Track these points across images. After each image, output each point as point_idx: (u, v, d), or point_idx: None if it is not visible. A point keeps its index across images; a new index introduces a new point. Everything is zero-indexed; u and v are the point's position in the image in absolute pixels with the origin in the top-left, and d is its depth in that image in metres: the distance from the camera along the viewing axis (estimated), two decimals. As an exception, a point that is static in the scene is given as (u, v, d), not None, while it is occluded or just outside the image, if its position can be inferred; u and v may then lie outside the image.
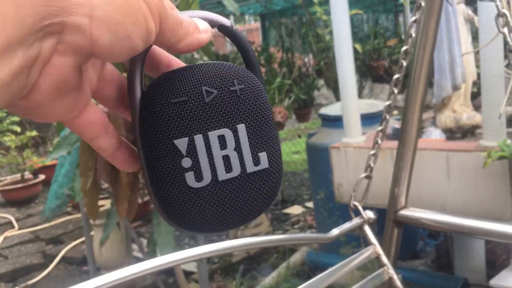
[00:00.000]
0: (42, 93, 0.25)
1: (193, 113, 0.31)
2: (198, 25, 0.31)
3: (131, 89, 0.31)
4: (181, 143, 0.31)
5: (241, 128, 0.32)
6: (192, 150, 0.31)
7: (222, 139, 0.31)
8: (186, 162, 0.31)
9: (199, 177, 0.31)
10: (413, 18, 0.95)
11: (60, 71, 0.25)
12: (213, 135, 0.31)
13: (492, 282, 2.01)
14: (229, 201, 0.32)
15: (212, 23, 0.33)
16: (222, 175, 0.32)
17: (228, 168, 0.32)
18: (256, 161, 0.32)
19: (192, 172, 0.31)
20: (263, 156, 0.33)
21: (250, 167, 0.32)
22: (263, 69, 5.26)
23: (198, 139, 0.31)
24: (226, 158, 0.32)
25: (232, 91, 0.32)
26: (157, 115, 0.31)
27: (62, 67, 0.25)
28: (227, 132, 0.31)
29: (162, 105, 0.31)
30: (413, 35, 0.95)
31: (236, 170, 0.32)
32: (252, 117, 0.32)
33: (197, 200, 0.31)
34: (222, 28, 0.33)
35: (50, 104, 0.27)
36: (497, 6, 0.77)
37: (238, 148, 0.32)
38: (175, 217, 0.32)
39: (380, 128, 1.00)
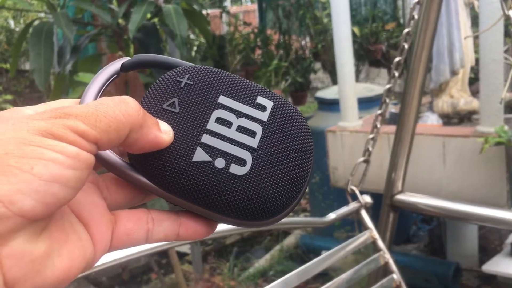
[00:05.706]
0: None
1: (184, 123, 0.29)
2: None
3: (123, 174, 0.28)
4: (200, 154, 0.28)
5: (223, 99, 0.30)
6: (211, 149, 0.28)
7: (220, 120, 0.29)
8: (220, 162, 0.28)
9: (240, 162, 0.29)
10: (416, 0, 0.93)
11: None
12: (211, 123, 0.29)
13: (484, 267, 2.02)
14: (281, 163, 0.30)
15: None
16: (253, 143, 0.29)
17: (251, 133, 0.29)
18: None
19: (232, 163, 0.28)
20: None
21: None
22: (259, 51, 5.21)
23: (206, 137, 0.29)
24: (241, 128, 0.29)
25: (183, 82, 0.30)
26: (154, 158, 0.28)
27: None
28: (217, 113, 0.29)
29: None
30: (416, 17, 0.93)
31: (259, 131, 0.30)
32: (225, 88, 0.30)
33: (258, 184, 0.29)
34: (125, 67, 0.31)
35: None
36: (503, -12, 0.76)
37: (240, 113, 0.30)
38: (264, 212, 0.29)
39: (379, 111, 0.99)
